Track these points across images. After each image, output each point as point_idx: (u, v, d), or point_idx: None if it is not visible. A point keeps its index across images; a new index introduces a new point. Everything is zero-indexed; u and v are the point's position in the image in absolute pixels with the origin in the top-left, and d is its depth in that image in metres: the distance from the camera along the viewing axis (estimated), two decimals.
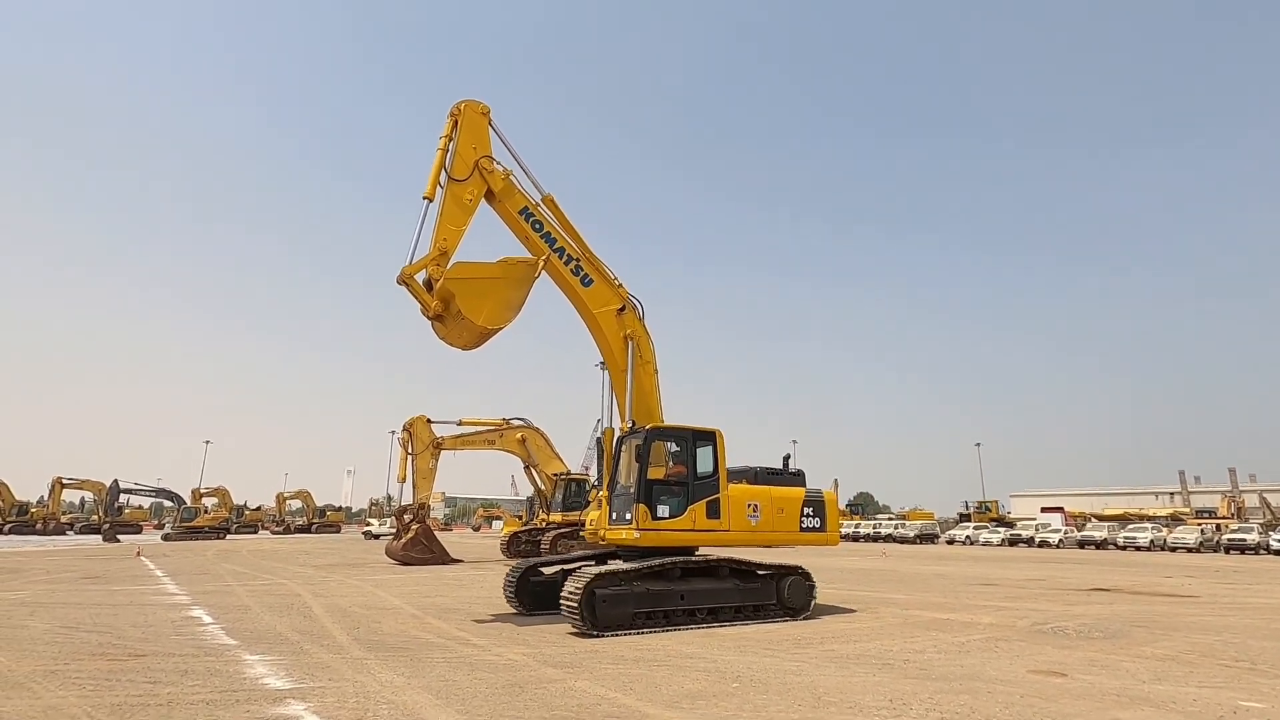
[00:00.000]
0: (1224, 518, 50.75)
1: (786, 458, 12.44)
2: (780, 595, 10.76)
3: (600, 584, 9.26)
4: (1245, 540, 37.31)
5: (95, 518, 58.32)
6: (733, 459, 11.23)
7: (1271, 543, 35.96)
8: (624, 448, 10.85)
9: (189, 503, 52.66)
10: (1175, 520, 51.04)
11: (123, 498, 52.84)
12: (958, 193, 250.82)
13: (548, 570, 11.42)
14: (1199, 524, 46.09)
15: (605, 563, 10.63)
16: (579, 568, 10.63)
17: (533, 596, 11.07)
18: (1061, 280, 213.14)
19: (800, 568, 11.11)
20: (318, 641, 8.57)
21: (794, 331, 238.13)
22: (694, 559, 10.33)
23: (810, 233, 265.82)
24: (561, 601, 9.30)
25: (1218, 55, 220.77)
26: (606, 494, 10.80)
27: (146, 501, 60.35)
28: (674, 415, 11.71)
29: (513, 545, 27.06)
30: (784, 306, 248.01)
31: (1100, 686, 6.48)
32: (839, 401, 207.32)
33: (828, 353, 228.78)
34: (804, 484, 11.94)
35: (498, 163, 11.05)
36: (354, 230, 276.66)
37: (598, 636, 8.89)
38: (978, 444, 78.52)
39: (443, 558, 23.80)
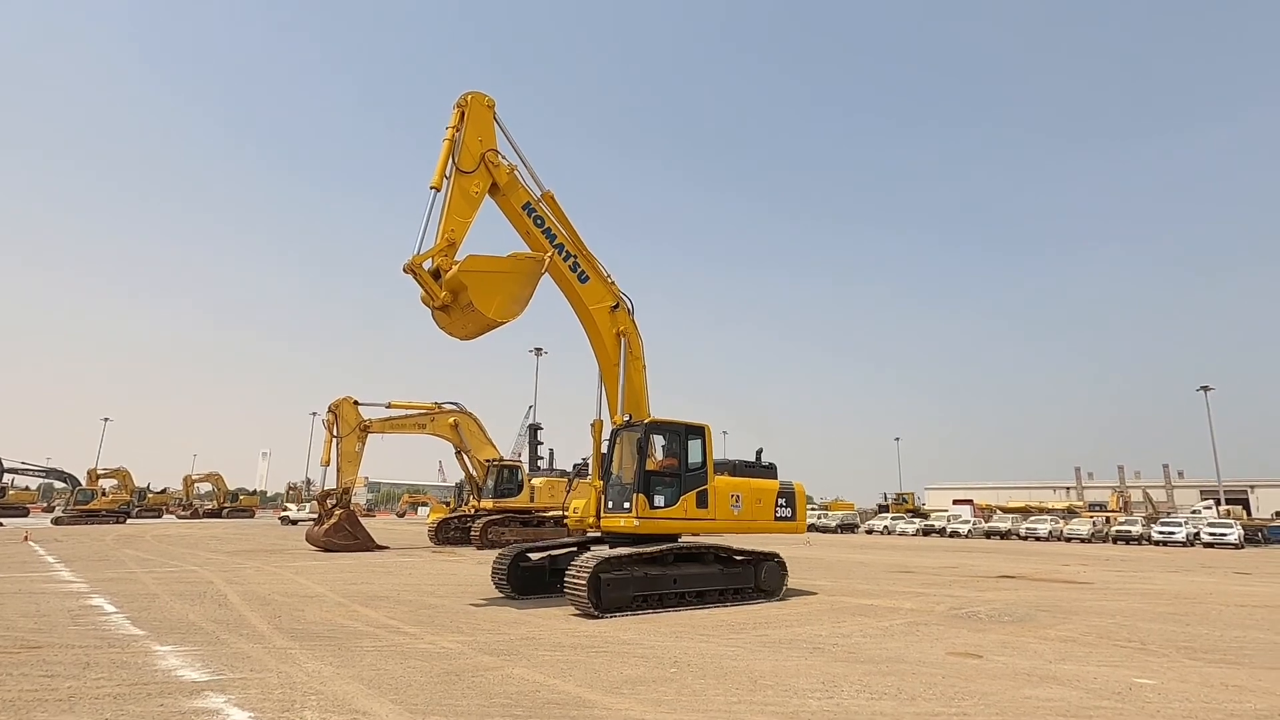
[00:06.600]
0: (1113, 511, 55.16)
1: (759, 451, 13.04)
2: (757, 579, 11.51)
3: (605, 569, 9.80)
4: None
5: None
6: None
7: (1153, 534, 39.33)
8: (619, 440, 11.22)
9: (84, 484, 48.86)
10: (1070, 513, 54.94)
11: (6, 478, 48.69)
12: (878, 182, 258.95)
13: (535, 556, 12.00)
14: (1091, 517, 49.89)
15: (588, 549, 11.14)
16: (570, 554, 11.42)
17: (522, 581, 11.60)
18: (977, 279, 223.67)
19: (775, 555, 11.90)
20: (235, 631, 8.13)
21: (722, 317, 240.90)
22: (684, 545, 10.88)
23: (731, 214, 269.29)
24: (566, 586, 9.79)
25: (1174, 47, 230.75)
26: (601, 483, 11.19)
27: (35, 482, 56.13)
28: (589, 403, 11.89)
29: (441, 532, 26.52)
30: (710, 290, 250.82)
31: (1012, 667, 6.90)
32: (762, 389, 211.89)
33: (760, 339, 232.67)
34: (776, 476, 12.58)
35: (503, 156, 11.09)
36: (269, 199, 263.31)
37: (602, 618, 9.39)
38: (897, 438, 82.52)
39: (367, 544, 23.02)
